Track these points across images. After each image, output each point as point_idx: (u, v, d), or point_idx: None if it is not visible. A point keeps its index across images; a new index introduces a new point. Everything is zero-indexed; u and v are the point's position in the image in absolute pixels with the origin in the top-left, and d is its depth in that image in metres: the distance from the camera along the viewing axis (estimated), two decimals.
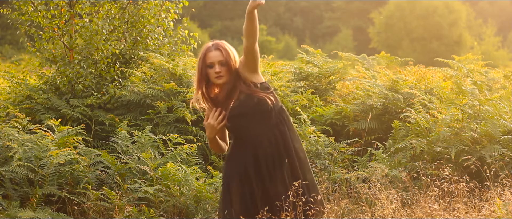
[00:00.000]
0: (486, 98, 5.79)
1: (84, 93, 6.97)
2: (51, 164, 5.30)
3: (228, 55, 3.96)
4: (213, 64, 3.97)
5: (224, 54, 3.95)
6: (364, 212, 4.84)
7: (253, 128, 3.96)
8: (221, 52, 3.95)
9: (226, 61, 3.95)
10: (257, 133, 3.96)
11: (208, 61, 3.97)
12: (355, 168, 5.93)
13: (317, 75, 7.73)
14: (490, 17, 38.41)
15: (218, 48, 3.96)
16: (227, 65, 3.95)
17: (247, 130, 3.97)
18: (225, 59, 3.95)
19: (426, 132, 5.88)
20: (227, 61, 3.95)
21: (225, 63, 3.95)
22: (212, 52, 3.96)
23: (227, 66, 3.95)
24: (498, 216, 4.21)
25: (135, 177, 5.59)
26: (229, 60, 3.95)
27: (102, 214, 5.28)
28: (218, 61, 3.96)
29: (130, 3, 7.38)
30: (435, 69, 8.11)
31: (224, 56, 3.95)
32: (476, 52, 8.73)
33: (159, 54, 7.30)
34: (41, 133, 5.70)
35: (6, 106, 6.85)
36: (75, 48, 7.22)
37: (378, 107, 6.77)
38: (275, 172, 3.98)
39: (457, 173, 5.30)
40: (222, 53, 3.95)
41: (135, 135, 5.97)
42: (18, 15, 7.26)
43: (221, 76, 3.96)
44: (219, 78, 3.97)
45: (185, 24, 8.03)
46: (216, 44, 3.99)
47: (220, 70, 3.95)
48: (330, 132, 6.74)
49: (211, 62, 3.96)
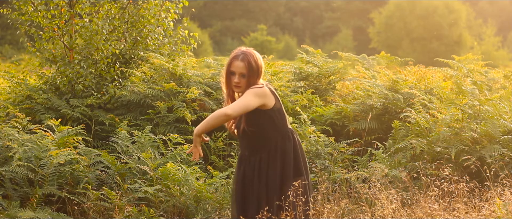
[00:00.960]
0: (486, 98, 5.79)
1: (84, 93, 6.97)
2: (51, 164, 5.30)
3: (251, 70, 4.09)
4: (235, 73, 4.11)
5: (247, 68, 4.08)
6: (364, 212, 4.84)
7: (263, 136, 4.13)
8: (245, 65, 4.08)
9: (247, 75, 4.09)
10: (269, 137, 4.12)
11: (232, 69, 4.11)
12: (355, 168, 5.93)
13: (317, 75, 7.73)
14: (490, 17, 38.42)
15: (244, 60, 4.09)
16: (248, 78, 4.09)
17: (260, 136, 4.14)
18: (247, 73, 4.08)
19: (426, 132, 5.88)
20: (248, 75, 4.09)
21: (245, 76, 4.09)
22: (238, 62, 4.10)
23: (247, 79, 4.09)
24: (498, 216, 4.21)
25: (135, 177, 5.59)
26: (250, 75, 4.09)
27: (102, 214, 5.28)
28: (240, 73, 4.10)
29: (130, 3, 7.38)
30: (435, 69, 8.11)
31: (247, 70, 4.08)
32: (476, 52, 8.73)
33: (159, 54, 7.30)
34: (41, 133, 5.70)
35: (6, 106, 6.85)
36: (75, 48, 7.22)
37: (378, 107, 6.77)
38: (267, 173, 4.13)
39: (457, 173, 5.30)
40: (245, 66, 4.08)
41: (135, 135, 5.97)
42: (18, 15, 7.26)
43: (239, 87, 4.12)
44: (237, 88, 4.13)
45: (185, 24, 8.03)
46: (244, 55, 4.11)
47: (239, 81, 4.10)
48: (330, 132, 6.74)
49: (233, 71, 4.11)
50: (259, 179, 4.11)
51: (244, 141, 4.18)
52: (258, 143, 4.13)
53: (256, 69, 4.09)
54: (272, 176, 4.10)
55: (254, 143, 4.14)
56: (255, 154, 4.13)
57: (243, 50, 4.14)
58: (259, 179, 4.11)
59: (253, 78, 4.07)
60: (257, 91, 4.05)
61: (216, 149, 6.57)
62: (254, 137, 4.12)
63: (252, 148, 4.15)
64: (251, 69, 4.07)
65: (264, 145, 4.12)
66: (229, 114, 3.97)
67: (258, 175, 4.11)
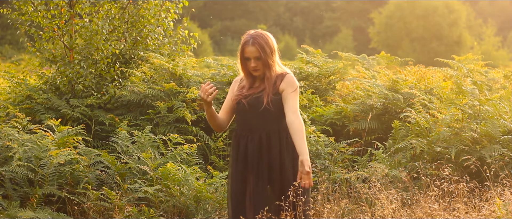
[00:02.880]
0: (486, 98, 5.79)
1: (84, 93, 6.96)
2: (51, 164, 5.30)
3: (264, 51, 4.16)
4: (249, 58, 4.18)
5: (260, 51, 4.15)
6: (364, 212, 4.84)
7: (250, 124, 4.17)
8: (257, 49, 4.15)
9: (262, 57, 4.15)
10: (250, 130, 4.16)
11: (246, 55, 4.18)
12: (355, 168, 5.93)
13: (317, 75, 7.72)
14: (490, 17, 38.42)
15: (255, 44, 4.16)
16: (263, 60, 4.16)
17: (246, 123, 4.18)
18: (261, 56, 4.15)
19: (426, 132, 5.88)
20: (263, 57, 4.16)
21: (260, 58, 4.15)
22: (249, 47, 4.17)
23: (263, 60, 4.16)
24: (498, 216, 4.21)
25: (135, 177, 5.59)
26: (265, 56, 4.16)
27: (102, 214, 5.28)
28: (254, 57, 4.16)
29: (130, 3, 7.38)
30: (435, 69, 8.11)
31: (260, 53, 4.15)
32: (476, 52, 8.73)
33: (159, 54, 7.30)
34: (41, 133, 5.70)
35: (6, 106, 6.85)
36: (75, 48, 7.22)
37: (378, 107, 6.77)
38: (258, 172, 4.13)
39: (457, 173, 5.30)
40: (257, 50, 4.15)
41: (135, 135, 5.97)
42: (18, 15, 7.25)
43: (257, 70, 4.18)
44: (255, 71, 4.19)
45: (185, 24, 8.03)
46: (254, 39, 4.18)
47: (256, 65, 4.17)
48: (330, 132, 6.74)
49: (248, 56, 4.18)
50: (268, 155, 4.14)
51: (252, 118, 4.17)
52: (271, 123, 4.16)
53: (269, 49, 4.17)
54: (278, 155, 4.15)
55: (262, 121, 4.16)
56: (261, 131, 4.16)
57: (252, 34, 4.21)
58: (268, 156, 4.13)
59: (269, 58, 4.16)
60: (296, 86, 4.16)
61: (216, 149, 6.57)
62: (268, 115, 4.14)
63: (260, 126, 4.16)
64: (264, 50, 4.15)
65: (274, 125, 4.16)
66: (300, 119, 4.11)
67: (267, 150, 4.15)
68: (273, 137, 4.15)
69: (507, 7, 40.27)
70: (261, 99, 4.14)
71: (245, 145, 4.15)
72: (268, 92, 4.15)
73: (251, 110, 4.15)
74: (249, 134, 4.16)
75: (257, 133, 4.14)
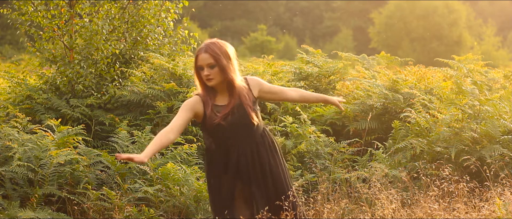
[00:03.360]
0: (486, 98, 5.79)
1: (84, 93, 6.97)
2: (51, 164, 5.30)
3: (218, 57, 4.02)
4: (202, 67, 4.04)
5: (213, 57, 4.00)
6: (364, 212, 4.84)
7: (235, 139, 4.08)
8: (210, 55, 4.00)
9: (216, 63, 4.01)
10: (238, 145, 4.07)
11: (199, 64, 4.04)
12: (355, 168, 5.93)
13: (317, 75, 7.72)
14: (490, 17, 38.43)
15: (207, 50, 4.02)
16: (218, 66, 4.01)
17: (230, 139, 4.07)
18: (215, 62, 4.01)
19: (426, 132, 5.88)
20: (218, 63, 4.01)
21: (215, 65, 4.01)
22: (202, 54, 4.02)
23: (219, 67, 4.01)
24: (498, 216, 4.21)
25: (135, 177, 5.59)
26: (220, 62, 4.02)
27: (102, 214, 5.28)
28: (207, 64, 4.02)
29: (130, 3, 7.38)
30: (435, 69, 8.11)
31: (213, 59, 4.01)
32: (476, 52, 8.73)
33: (159, 54, 7.30)
34: (41, 133, 5.70)
35: (6, 106, 6.85)
36: (75, 48, 7.22)
37: (378, 107, 6.77)
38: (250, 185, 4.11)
39: (457, 173, 5.30)
40: (210, 56, 4.00)
41: (135, 135, 5.97)
42: (18, 15, 7.26)
43: (210, 79, 4.03)
44: (209, 81, 4.04)
45: (185, 24, 8.03)
46: (206, 46, 4.04)
47: (209, 73, 4.02)
48: (330, 132, 6.74)
49: (200, 65, 4.04)
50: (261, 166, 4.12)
51: (236, 134, 4.10)
52: (256, 133, 4.12)
53: (225, 56, 4.02)
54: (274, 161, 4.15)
55: (249, 134, 4.11)
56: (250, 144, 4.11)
57: (206, 42, 4.08)
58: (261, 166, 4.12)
59: (224, 64, 4.00)
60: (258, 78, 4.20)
61: None
62: (253, 127, 4.09)
63: (246, 140, 4.11)
64: (217, 56, 4.00)
65: (258, 134, 4.13)
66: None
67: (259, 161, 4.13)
68: (261, 146, 4.13)
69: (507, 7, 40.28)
70: (245, 115, 4.04)
71: (237, 158, 4.08)
72: (249, 104, 4.07)
73: (234, 128, 4.05)
74: (238, 148, 4.08)
75: (247, 147, 4.08)
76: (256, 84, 4.16)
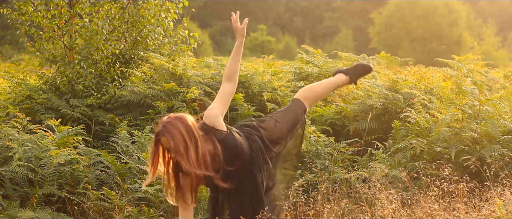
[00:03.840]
0: (486, 98, 5.79)
1: (84, 93, 6.97)
2: (51, 164, 5.30)
3: (177, 147, 3.86)
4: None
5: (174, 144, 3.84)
6: (364, 212, 4.84)
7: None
8: (168, 140, 3.86)
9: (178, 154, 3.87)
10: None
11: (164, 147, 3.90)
12: (355, 168, 5.93)
13: (317, 75, 7.72)
14: (490, 17, 38.42)
15: (166, 134, 3.86)
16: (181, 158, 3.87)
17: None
18: (175, 151, 3.86)
19: (426, 132, 5.88)
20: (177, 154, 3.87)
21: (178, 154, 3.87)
22: (163, 138, 3.88)
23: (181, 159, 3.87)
24: (498, 216, 4.21)
25: (135, 177, 5.59)
26: (179, 155, 3.87)
27: (102, 214, 5.28)
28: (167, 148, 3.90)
29: (130, 3, 7.38)
30: (435, 69, 8.11)
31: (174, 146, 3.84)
32: (476, 52, 8.73)
33: (159, 54, 7.30)
34: (41, 133, 5.70)
35: (6, 106, 6.85)
36: (75, 48, 7.22)
37: (378, 107, 6.77)
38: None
39: (457, 173, 5.30)
40: (168, 141, 3.86)
41: (135, 135, 5.97)
42: (18, 15, 7.26)
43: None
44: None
45: (185, 24, 8.03)
46: (164, 128, 3.89)
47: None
48: (330, 132, 6.74)
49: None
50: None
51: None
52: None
53: (186, 140, 3.84)
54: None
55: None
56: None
57: (161, 126, 3.90)
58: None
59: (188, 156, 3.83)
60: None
61: None
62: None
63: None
64: (177, 145, 3.82)
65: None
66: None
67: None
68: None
69: (507, 7, 40.27)
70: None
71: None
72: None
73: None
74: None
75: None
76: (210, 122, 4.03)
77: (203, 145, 3.88)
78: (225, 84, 4.14)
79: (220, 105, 4.05)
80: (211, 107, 4.05)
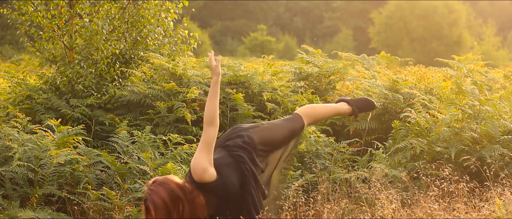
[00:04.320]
0: (486, 98, 5.79)
1: (84, 93, 6.97)
2: (51, 164, 5.30)
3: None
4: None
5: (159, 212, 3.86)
6: (364, 212, 4.84)
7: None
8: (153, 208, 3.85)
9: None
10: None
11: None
12: (355, 168, 5.93)
13: (317, 75, 7.72)
14: (490, 17, 38.42)
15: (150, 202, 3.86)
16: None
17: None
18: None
19: (426, 132, 5.88)
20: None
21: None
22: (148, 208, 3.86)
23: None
24: (498, 216, 4.21)
25: (135, 177, 5.59)
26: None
27: (102, 214, 5.28)
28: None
29: (130, 3, 7.38)
30: (435, 69, 8.10)
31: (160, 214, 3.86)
32: (476, 52, 8.72)
33: (159, 54, 7.30)
34: (41, 133, 5.70)
35: (6, 106, 6.85)
36: (75, 48, 7.22)
37: (378, 107, 6.77)
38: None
39: (457, 173, 5.30)
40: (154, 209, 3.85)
41: (135, 135, 5.97)
42: (18, 15, 7.26)
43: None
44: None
45: (185, 24, 8.03)
46: (149, 196, 3.88)
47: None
48: (330, 132, 6.74)
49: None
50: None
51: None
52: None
53: (169, 207, 3.85)
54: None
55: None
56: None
57: (149, 187, 3.92)
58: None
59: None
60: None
61: None
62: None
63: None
64: (160, 214, 3.82)
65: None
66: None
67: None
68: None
69: (507, 7, 40.27)
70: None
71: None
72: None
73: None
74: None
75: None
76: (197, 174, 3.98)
77: (190, 205, 3.88)
78: (208, 130, 4.01)
79: (207, 155, 3.95)
80: (197, 160, 3.94)
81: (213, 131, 4.00)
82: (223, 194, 3.97)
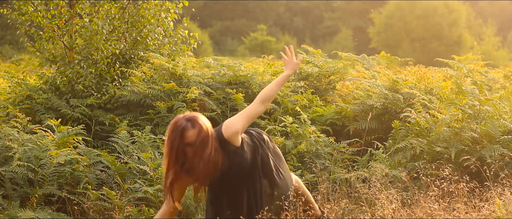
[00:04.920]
0: (486, 98, 5.79)
1: (84, 93, 6.97)
2: (51, 164, 5.30)
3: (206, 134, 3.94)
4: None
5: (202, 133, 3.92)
6: (364, 212, 4.84)
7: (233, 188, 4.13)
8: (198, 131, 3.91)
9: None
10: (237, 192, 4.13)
11: (187, 141, 3.92)
12: (355, 168, 5.93)
13: (317, 75, 7.72)
14: (490, 17, 38.43)
15: (194, 126, 3.91)
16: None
17: (229, 189, 4.14)
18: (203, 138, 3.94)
19: (426, 132, 5.88)
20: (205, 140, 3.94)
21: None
22: (190, 130, 3.91)
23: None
24: (498, 216, 4.21)
25: (135, 177, 5.59)
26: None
27: (102, 214, 5.28)
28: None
29: (130, 3, 7.38)
30: (435, 69, 8.10)
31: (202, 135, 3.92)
32: (476, 52, 8.72)
33: (159, 54, 7.30)
34: (41, 133, 5.70)
35: (6, 106, 6.85)
36: (75, 48, 7.22)
37: (378, 107, 6.77)
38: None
39: (457, 173, 5.30)
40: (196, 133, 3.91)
41: (135, 135, 5.97)
42: (18, 15, 7.26)
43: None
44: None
45: (185, 24, 8.03)
46: (192, 121, 3.93)
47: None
48: (330, 132, 6.74)
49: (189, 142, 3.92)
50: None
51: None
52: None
53: (210, 136, 3.93)
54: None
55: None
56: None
57: (186, 117, 3.94)
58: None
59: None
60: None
61: None
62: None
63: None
64: (204, 137, 3.92)
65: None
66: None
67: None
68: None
69: (507, 7, 40.28)
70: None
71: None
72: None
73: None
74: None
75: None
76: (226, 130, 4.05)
77: (215, 152, 3.96)
78: (258, 105, 4.15)
79: (244, 122, 4.05)
80: (234, 121, 4.04)
81: (261, 108, 4.14)
82: (236, 163, 4.03)
